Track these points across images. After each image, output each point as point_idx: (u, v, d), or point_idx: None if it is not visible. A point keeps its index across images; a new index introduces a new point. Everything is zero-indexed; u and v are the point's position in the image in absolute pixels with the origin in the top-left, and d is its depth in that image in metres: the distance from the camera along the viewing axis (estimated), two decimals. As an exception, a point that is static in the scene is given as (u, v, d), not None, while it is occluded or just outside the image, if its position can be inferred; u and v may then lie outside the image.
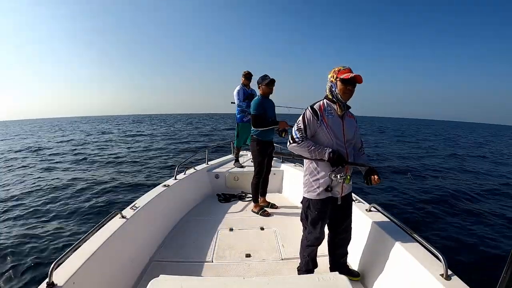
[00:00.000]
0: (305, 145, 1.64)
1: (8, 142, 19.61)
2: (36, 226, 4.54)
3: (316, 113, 1.63)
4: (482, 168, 9.31)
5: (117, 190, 6.54)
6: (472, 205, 4.93)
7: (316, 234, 1.77)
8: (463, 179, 6.91)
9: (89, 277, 1.50)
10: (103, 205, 5.47)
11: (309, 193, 1.73)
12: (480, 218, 4.33)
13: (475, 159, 11.97)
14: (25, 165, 10.24)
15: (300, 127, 1.66)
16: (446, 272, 1.34)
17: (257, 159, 3.07)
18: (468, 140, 24.21)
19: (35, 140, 20.58)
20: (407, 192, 5.82)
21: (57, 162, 10.82)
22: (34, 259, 3.48)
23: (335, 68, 1.67)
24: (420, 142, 19.62)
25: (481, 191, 5.91)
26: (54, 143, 17.69)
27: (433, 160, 10.51)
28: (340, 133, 1.67)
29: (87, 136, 21.96)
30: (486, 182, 6.56)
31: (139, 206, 2.32)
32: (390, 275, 1.69)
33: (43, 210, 5.29)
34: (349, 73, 1.58)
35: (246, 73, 3.92)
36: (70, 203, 5.67)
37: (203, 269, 2.08)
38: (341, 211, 1.79)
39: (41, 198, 6.01)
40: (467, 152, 14.44)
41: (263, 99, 2.93)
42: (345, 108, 1.69)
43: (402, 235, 1.75)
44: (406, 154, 12.59)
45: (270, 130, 3.01)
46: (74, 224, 4.58)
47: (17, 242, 3.95)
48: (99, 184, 7.10)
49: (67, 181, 7.49)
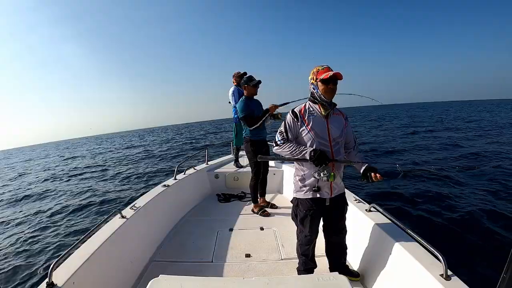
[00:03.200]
0: (286, 146, 1.69)
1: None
2: (36, 226, 4.54)
3: (297, 116, 1.68)
4: (484, 165, 9.28)
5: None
6: (472, 205, 4.93)
7: (306, 233, 1.77)
8: (463, 178, 6.91)
9: (89, 277, 1.50)
10: (103, 205, 5.48)
11: (297, 192, 1.77)
12: (480, 218, 4.33)
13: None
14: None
15: (281, 130, 1.73)
16: (446, 272, 1.34)
17: (253, 160, 3.08)
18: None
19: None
20: (407, 192, 5.82)
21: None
22: (34, 259, 3.48)
23: (313, 69, 1.68)
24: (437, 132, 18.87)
25: (481, 191, 5.90)
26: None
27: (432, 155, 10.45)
28: (324, 133, 1.67)
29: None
30: (487, 182, 6.56)
31: (139, 206, 2.32)
32: (390, 275, 1.69)
33: (43, 210, 5.29)
34: (328, 72, 1.59)
35: (239, 74, 3.92)
36: (70, 203, 5.67)
37: (203, 269, 2.08)
38: (333, 212, 1.79)
39: (40, 198, 6.02)
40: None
41: (248, 100, 2.97)
42: (330, 107, 1.68)
43: (402, 235, 1.75)
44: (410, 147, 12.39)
45: (262, 127, 3.03)
46: (74, 224, 4.58)
47: (17, 242, 3.95)
48: (98, 184, 7.10)
49: (67, 181, 7.50)
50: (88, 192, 6.38)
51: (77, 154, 22.06)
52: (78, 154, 22.03)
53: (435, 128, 17.63)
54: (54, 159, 21.56)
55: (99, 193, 6.26)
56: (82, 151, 26.72)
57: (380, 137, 14.81)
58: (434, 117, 28.91)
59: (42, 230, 4.33)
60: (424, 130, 16.74)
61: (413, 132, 15.83)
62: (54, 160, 20.96)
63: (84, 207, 5.34)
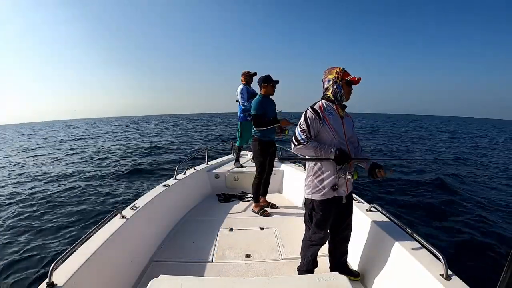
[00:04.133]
0: (311, 145, 1.64)
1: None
2: (36, 226, 4.54)
3: (318, 113, 1.64)
4: (483, 166, 9.31)
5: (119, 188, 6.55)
6: (472, 205, 4.94)
7: (321, 234, 1.77)
8: (463, 178, 6.91)
9: (89, 277, 1.50)
10: (103, 205, 5.48)
11: (314, 194, 1.72)
12: (481, 218, 4.33)
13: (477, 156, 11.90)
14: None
15: (304, 128, 1.65)
16: (446, 272, 1.34)
17: (259, 159, 3.07)
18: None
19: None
20: (407, 192, 5.83)
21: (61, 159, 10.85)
22: (34, 259, 3.48)
23: (334, 68, 1.69)
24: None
25: (481, 191, 5.91)
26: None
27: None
28: (341, 132, 1.69)
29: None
30: (487, 182, 6.56)
31: (139, 206, 2.32)
32: (390, 275, 1.69)
33: (43, 210, 5.29)
34: (353, 75, 1.65)
35: (250, 73, 3.90)
36: (70, 203, 5.67)
37: (203, 269, 2.08)
38: (344, 209, 1.80)
39: (41, 198, 6.02)
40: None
41: (264, 98, 2.94)
42: (343, 108, 1.73)
43: (402, 235, 1.75)
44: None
45: (272, 129, 3.01)
46: (74, 224, 4.58)
47: (17, 242, 3.95)
48: (99, 184, 7.11)
49: (67, 180, 7.50)
50: (88, 191, 6.39)
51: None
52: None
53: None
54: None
55: (99, 192, 6.28)
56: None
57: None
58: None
59: (42, 230, 4.33)
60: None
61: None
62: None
63: (84, 207, 5.34)
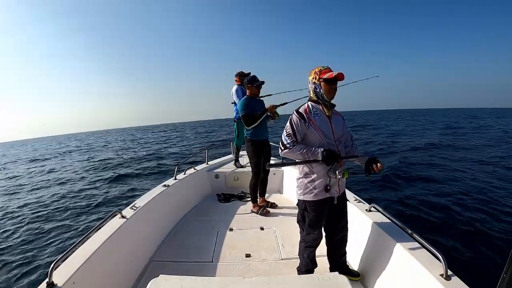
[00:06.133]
0: (297, 149, 1.65)
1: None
2: (36, 226, 4.54)
3: (303, 116, 1.66)
4: (482, 165, 9.28)
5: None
6: (472, 205, 4.93)
7: (314, 235, 1.78)
8: (463, 179, 6.91)
9: (89, 277, 1.50)
10: (103, 205, 5.48)
11: (306, 195, 1.72)
12: (481, 218, 4.33)
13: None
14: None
15: (289, 132, 1.67)
16: (446, 272, 1.34)
17: (253, 160, 3.08)
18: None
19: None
20: (407, 192, 5.82)
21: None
22: (34, 259, 3.48)
23: (314, 69, 1.70)
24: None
25: (481, 190, 5.90)
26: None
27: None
28: (329, 132, 1.69)
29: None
30: (487, 182, 6.56)
31: (139, 206, 2.32)
32: (390, 275, 1.69)
33: (43, 210, 5.29)
34: (331, 72, 1.62)
35: (243, 74, 3.93)
36: (70, 202, 5.67)
37: (203, 269, 2.08)
38: (337, 210, 1.80)
39: (41, 198, 6.02)
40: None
41: (250, 99, 2.96)
42: (331, 107, 1.72)
43: (402, 235, 1.75)
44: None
45: (263, 128, 3.03)
46: (74, 224, 4.58)
47: (17, 242, 3.95)
48: (99, 183, 7.11)
49: (67, 180, 7.50)
50: (88, 190, 6.39)
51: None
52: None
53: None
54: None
55: (99, 192, 6.28)
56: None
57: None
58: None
59: (42, 230, 4.34)
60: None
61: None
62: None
63: (84, 207, 5.35)
